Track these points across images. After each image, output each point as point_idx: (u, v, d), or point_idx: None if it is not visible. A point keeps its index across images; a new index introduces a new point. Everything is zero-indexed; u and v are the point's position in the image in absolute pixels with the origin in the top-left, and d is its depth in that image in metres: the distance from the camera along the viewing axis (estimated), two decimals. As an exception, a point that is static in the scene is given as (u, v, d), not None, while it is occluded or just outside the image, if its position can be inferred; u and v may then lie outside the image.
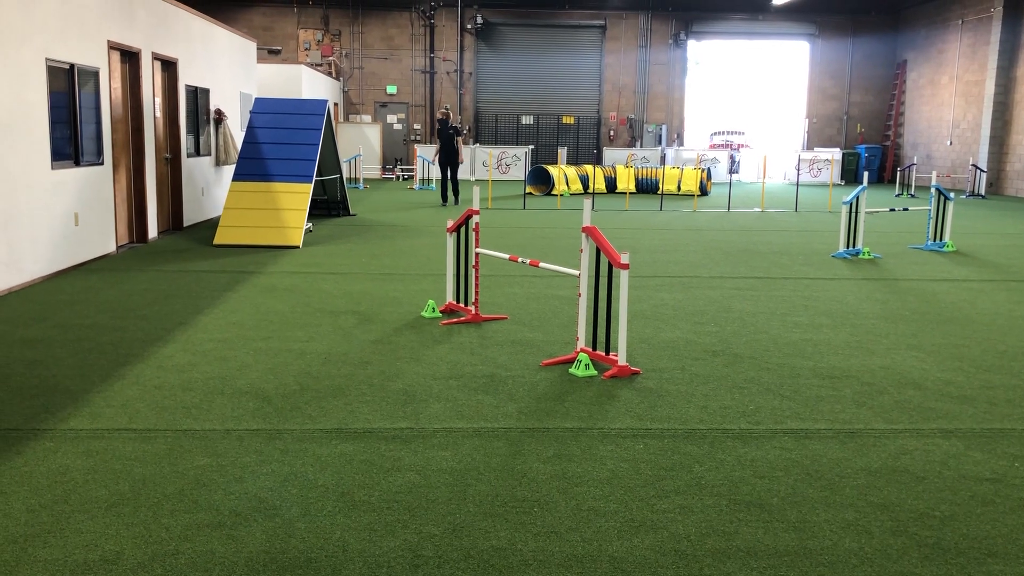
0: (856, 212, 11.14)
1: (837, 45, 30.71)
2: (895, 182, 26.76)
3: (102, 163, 10.18)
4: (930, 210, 12.12)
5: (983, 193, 22.93)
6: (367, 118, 29.45)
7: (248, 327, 6.76)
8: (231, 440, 4.32)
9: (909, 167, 24.51)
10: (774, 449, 4.30)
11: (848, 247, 11.16)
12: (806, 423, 4.70)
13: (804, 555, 3.23)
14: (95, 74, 9.91)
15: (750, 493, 3.77)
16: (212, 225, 12.91)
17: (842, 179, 27.79)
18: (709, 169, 23.65)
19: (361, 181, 23.04)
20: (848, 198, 11.11)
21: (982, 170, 23.26)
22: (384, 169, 28.07)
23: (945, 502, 3.71)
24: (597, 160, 29.03)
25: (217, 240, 11.36)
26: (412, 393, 5.12)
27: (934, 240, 12.04)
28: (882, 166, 29.86)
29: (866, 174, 11.88)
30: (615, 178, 22.23)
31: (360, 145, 26.24)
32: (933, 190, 12.01)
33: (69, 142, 9.35)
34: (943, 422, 4.75)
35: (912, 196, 22.07)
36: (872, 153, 29.27)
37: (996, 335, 6.84)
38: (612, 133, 31.05)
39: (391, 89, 30.21)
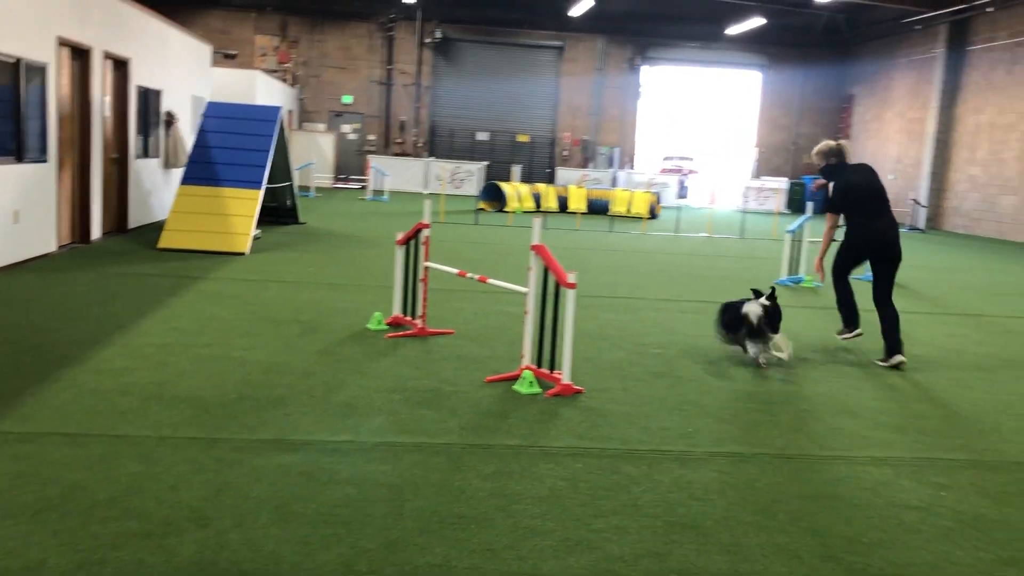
0: (799, 241, 11.38)
1: (787, 76, 31.39)
2: (839, 213, 27.33)
3: (46, 161, 9.95)
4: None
5: (922, 227, 23.58)
6: (321, 127, 29.28)
7: (189, 333, 6.65)
8: (166, 448, 4.25)
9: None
10: (711, 472, 4.36)
11: (790, 275, 11.39)
12: (742, 447, 4.77)
13: (735, 577, 3.27)
14: (42, 70, 9.71)
15: (685, 515, 3.82)
16: (158, 228, 12.68)
17: (788, 208, 28.35)
18: (659, 193, 23.95)
19: (313, 190, 22.86)
20: (792, 227, 11.36)
21: (922, 205, 23.92)
22: (336, 179, 27.91)
23: (874, 529, 3.79)
24: (550, 179, 29.21)
25: (162, 244, 11.18)
26: (354, 406, 5.09)
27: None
28: (827, 197, 30.50)
29: (811, 204, 12.14)
30: (567, 198, 22.39)
31: (313, 154, 26.05)
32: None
33: (12, 138, 9.13)
34: (875, 450, 4.86)
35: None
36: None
37: (929, 366, 7.02)
38: (566, 153, 31.29)
39: (347, 99, 30.09)
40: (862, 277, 9.17)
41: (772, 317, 6.65)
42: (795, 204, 28.54)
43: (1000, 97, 22.81)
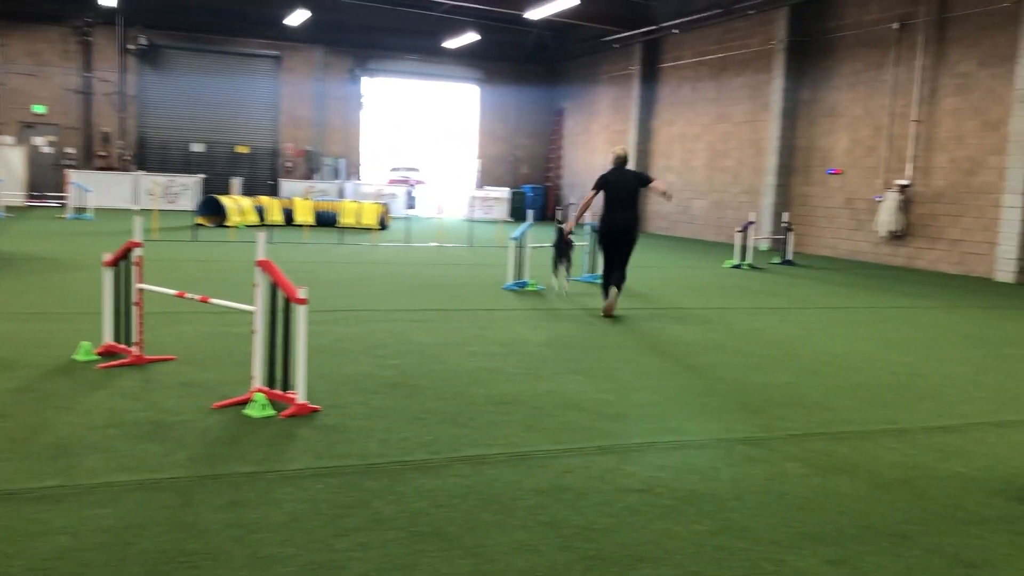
0: (522, 247, 11.92)
1: (503, 91, 32.81)
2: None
3: None
4: (585, 245, 13.29)
5: (630, 230, 25.57)
6: (9, 139, 26.38)
7: None
8: None
9: (568, 206, 26.71)
10: (451, 477, 4.43)
11: (516, 280, 11.89)
12: (481, 449, 4.90)
13: (480, 579, 3.35)
14: None
15: (429, 523, 3.84)
16: None
17: (511, 216, 29.60)
18: (388, 204, 24.08)
19: (2, 209, 20.55)
20: (515, 234, 11.87)
21: (629, 210, 25.93)
22: (31, 196, 25.30)
23: (603, 515, 4.04)
24: (274, 192, 28.36)
25: None
26: (64, 446, 4.62)
27: (590, 272, 13.21)
28: (545, 204, 32.25)
29: (532, 212, 12.75)
30: (293, 210, 21.87)
31: (0, 169, 23.45)
32: (588, 228, 13.19)
33: None
34: (600, 440, 5.18)
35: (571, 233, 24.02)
36: (536, 192, 31.52)
37: (641, 358, 7.62)
38: (289, 164, 30.55)
39: (39, 109, 27.38)
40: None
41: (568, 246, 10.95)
42: (518, 212, 29.87)
43: (688, 111, 25.32)
